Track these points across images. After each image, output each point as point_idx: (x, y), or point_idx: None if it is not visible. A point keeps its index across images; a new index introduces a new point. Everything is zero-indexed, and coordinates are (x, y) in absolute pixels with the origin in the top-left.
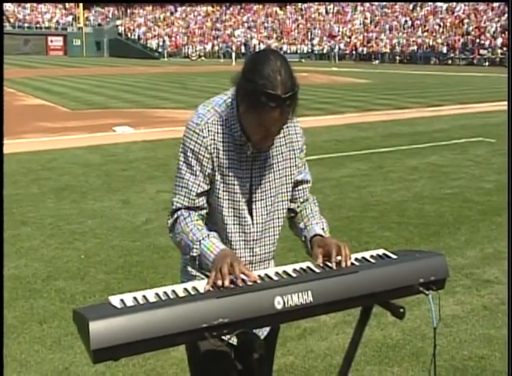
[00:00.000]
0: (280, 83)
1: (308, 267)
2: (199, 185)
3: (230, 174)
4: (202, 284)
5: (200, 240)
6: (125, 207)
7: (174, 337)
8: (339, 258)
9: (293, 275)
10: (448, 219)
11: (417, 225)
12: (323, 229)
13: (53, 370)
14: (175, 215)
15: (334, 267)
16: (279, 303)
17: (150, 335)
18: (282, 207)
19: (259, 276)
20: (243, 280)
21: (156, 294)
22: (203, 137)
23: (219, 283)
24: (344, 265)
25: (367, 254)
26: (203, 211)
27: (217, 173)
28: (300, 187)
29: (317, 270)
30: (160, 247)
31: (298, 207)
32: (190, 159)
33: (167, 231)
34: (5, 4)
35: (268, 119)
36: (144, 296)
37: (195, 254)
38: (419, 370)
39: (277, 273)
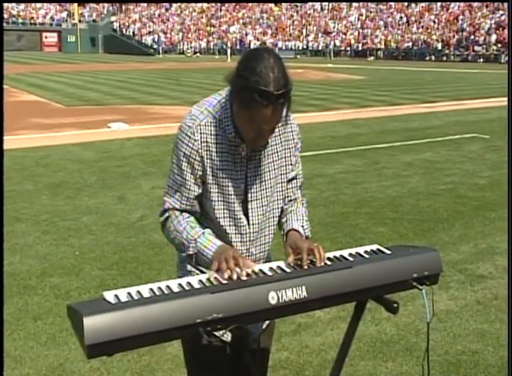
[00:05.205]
0: (273, 80)
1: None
2: (189, 189)
3: (224, 176)
4: (196, 280)
5: (195, 239)
6: (120, 203)
7: (168, 332)
8: (310, 257)
9: (288, 270)
10: (442, 215)
11: (412, 221)
12: (303, 226)
13: (48, 366)
14: (166, 214)
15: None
16: (273, 298)
17: (144, 330)
18: (277, 207)
19: (253, 271)
20: (247, 273)
21: (151, 290)
22: (195, 140)
23: (226, 276)
24: (318, 264)
25: (361, 250)
26: (195, 212)
27: (209, 175)
28: (289, 185)
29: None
30: (154, 243)
31: (286, 204)
32: (182, 162)
33: (160, 227)
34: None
35: (261, 117)
36: (138, 291)
37: (191, 253)
38: (413, 364)
39: (271, 269)
